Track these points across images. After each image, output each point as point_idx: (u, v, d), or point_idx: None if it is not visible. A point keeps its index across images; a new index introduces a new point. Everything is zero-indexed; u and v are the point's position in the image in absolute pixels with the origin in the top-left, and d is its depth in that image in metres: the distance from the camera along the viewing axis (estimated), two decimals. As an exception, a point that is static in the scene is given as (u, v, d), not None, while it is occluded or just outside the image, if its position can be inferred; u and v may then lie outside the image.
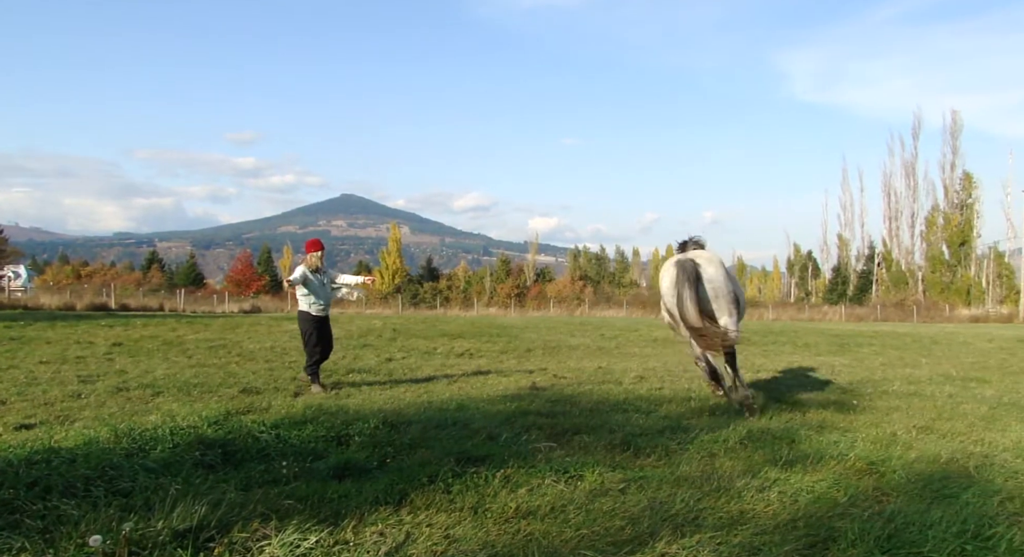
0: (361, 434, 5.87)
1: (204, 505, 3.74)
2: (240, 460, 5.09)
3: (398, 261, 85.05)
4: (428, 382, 10.42)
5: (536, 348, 17.97)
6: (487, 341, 19.56)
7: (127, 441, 5.33)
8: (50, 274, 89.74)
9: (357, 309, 50.75)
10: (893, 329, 34.42)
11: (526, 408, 7.55)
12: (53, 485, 4.14)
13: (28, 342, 15.15)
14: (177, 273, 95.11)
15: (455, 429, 6.27)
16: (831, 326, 39.00)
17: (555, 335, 23.48)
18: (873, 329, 34.28)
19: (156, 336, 17.34)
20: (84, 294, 38.25)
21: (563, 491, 4.42)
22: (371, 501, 4.15)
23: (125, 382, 9.51)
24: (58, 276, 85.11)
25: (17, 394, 8.35)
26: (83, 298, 35.75)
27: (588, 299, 68.35)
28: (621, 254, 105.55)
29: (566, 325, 30.57)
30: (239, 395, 8.57)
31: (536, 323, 32.30)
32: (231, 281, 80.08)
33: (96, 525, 3.54)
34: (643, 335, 24.35)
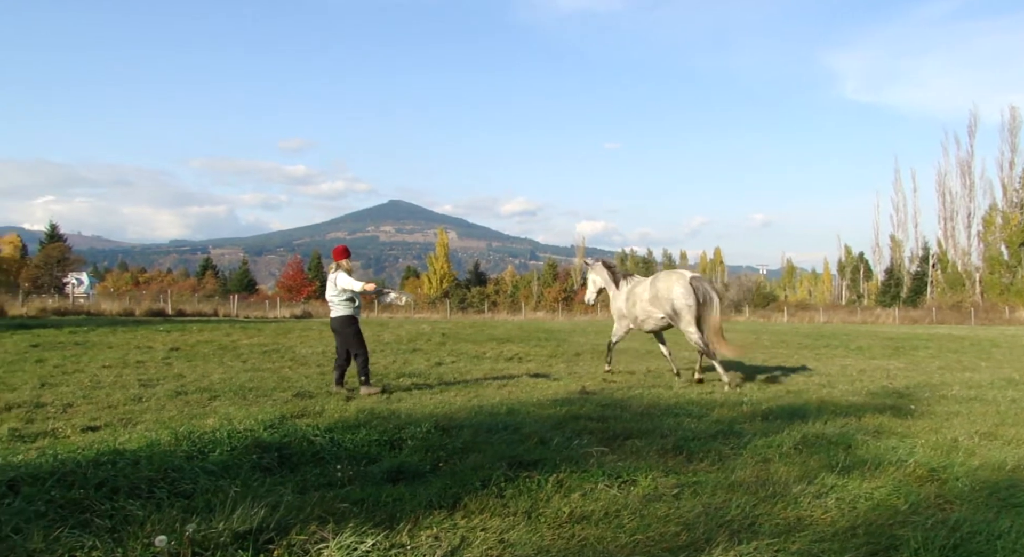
0: (413, 438, 5.91)
1: (263, 507, 3.81)
2: (296, 463, 5.17)
3: (446, 266, 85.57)
4: (478, 386, 10.46)
5: (585, 352, 17.92)
6: (535, 345, 19.55)
7: (187, 444, 5.44)
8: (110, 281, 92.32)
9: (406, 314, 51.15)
10: (950, 332, 33.55)
11: (576, 412, 7.53)
12: (119, 486, 4.25)
13: (91, 347, 15.59)
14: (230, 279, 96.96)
15: (506, 433, 6.28)
16: (884, 329, 38.18)
17: (603, 339, 23.36)
18: (929, 332, 33.45)
19: (211, 341, 17.69)
20: (142, 300, 39.19)
21: (616, 496, 4.40)
22: (425, 505, 4.18)
23: (183, 386, 9.72)
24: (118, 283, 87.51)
25: (83, 397, 8.59)
26: (141, 304, 36.62)
27: (636, 303, 67.89)
28: (668, 257, 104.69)
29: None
30: (293, 399, 8.70)
31: (584, 327, 32.21)
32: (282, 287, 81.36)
33: (160, 526, 3.62)
34: (693, 338, 24.11)
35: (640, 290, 12.20)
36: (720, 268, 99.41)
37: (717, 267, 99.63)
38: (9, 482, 4.25)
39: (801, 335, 27.09)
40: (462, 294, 79.13)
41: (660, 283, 11.72)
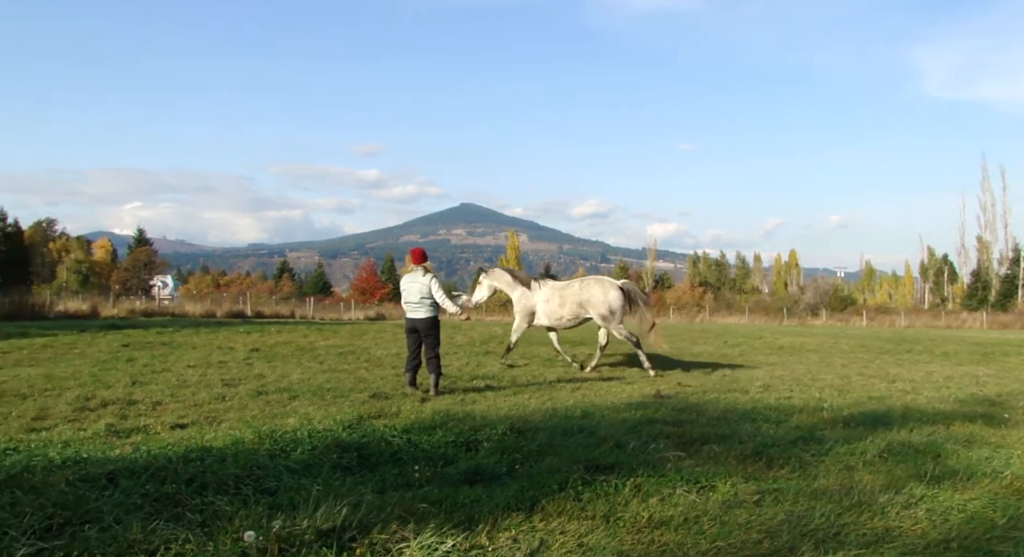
0: (489, 440, 5.95)
1: (345, 506, 3.89)
2: (375, 463, 5.26)
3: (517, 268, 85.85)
4: (551, 389, 10.47)
5: (657, 355, 17.73)
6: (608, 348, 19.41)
7: (270, 443, 5.59)
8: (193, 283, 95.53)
9: (478, 316, 51.48)
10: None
11: (652, 416, 7.48)
12: (208, 482, 4.40)
13: (177, 347, 16.15)
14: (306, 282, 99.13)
15: (582, 436, 6.28)
16: (972, 334, 36.69)
17: (676, 342, 23.08)
18: (1021, 337, 32.02)
19: (289, 342, 18.12)
20: (223, 302, 40.42)
21: (695, 501, 4.35)
22: (503, 507, 4.20)
23: (264, 386, 9.99)
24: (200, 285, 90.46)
25: (170, 396, 8.92)
26: (222, 306, 37.77)
27: (708, 306, 66.91)
28: (742, 260, 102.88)
29: (687, 332, 30.03)
30: (369, 400, 8.85)
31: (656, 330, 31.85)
32: (356, 289, 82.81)
33: (248, 521, 3.74)
34: (768, 342, 23.64)
35: (570, 293, 13.79)
36: (795, 271, 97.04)
37: (792, 270, 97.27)
38: (108, 475, 4.45)
39: (882, 340, 26.26)
40: (533, 297, 79.15)
41: (596, 288, 13.71)
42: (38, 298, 30.52)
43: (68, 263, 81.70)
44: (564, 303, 13.73)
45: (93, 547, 3.40)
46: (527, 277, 14.57)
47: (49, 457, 4.92)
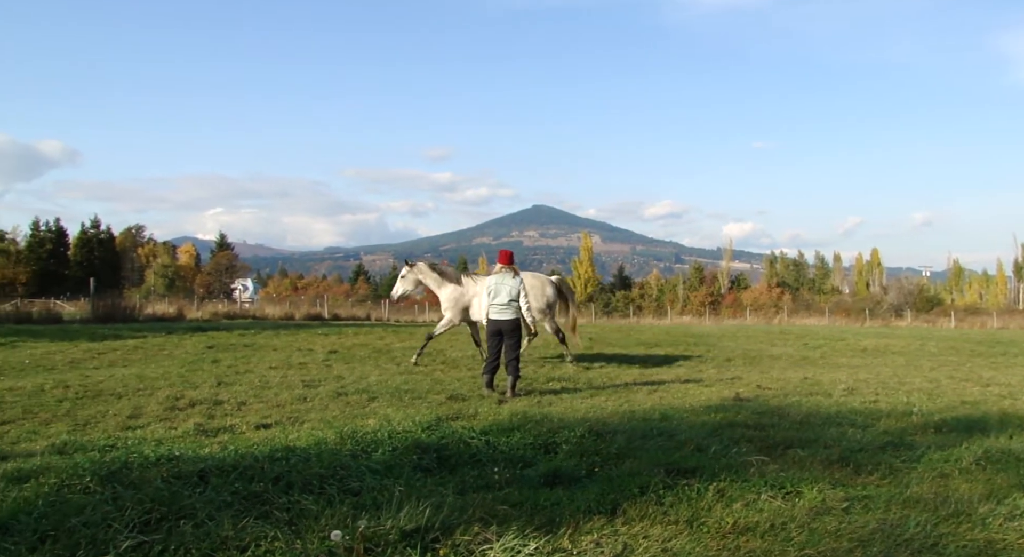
0: (568, 442, 5.93)
1: (428, 507, 3.92)
2: (454, 465, 5.30)
3: (590, 270, 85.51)
4: (628, 391, 10.38)
5: (736, 357, 17.44)
6: (684, 350, 19.21)
7: (351, 443, 5.68)
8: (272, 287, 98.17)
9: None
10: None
11: (732, 419, 7.34)
12: (294, 481, 4.50)
13: (258, 349, 16.61)
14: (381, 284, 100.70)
15: (661, 439, 6.20)
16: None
17: (754, 344, 22.66)
18: (1126, 338, 30.33)
19: (366, 344, 18.44)
20: (301, 305, 41.37)
21: (781, 507, 4.25)
22: (584, 510, 4.18)
23: (343, 387, 10.18)
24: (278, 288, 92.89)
25: (254, 396, 9.17)
26: (300, 308, 38.65)
27: (787, 307, 65.37)
28: (821, 259, 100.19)
29: (765, 334, 29.41)
30: (447, 401, 8.93)
31: (733, 332, 31.32)
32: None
33: (334, 521, 3.81)
34: (850, 344, 22.98)
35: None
36: (878, 270, 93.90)
37: (875, 269, 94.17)
38: (199, 473, 4.59)
39: (973, 342, 25.24)
40: (607, 298, 78.84)
41: (535, 283, 14.13)
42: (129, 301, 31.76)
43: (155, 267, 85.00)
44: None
45: (188, 542, 3.51)
46: (455, 273, 14.71)
47: (144, 454, 5.11)
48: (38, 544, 3.49)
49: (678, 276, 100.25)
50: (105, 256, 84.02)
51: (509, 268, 10.27)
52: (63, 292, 57.85)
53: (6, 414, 7.82)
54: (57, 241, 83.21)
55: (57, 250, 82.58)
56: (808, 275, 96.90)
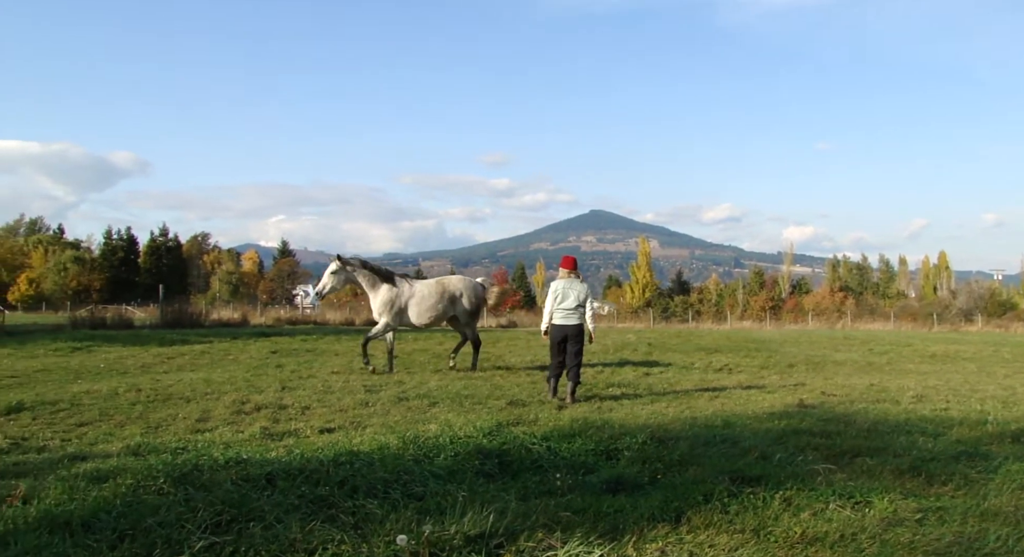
0: (629, 449, 5.89)
1: (491, 513, 3.94)
2: (516, 470, 5.30)
3: (648, 275, 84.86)
4: (689, 397, 10.28)
5: (798, 363, 17.11)
6: (745, 356, 18.91)
7: (414, 448, 5.73)
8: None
9: (608, 323, 51.19)
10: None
11: (796, 426, 7.20)
12: (358, 485, 4.56)
13: (321, 354, 16.90)
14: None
15: (724, 446, 6.12)
16: None
17: (818, 349, 22.20)
18: None
19: (426, 349, 18.60)
20: (361, 310, 41.87)
21: (851, 518, 4.15)
22: (647, 517, 4.14)
23: (404, 392, 10.28)
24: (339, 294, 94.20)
25: (317, 401, 9.33)
26: (360, 314, 39.15)
27: (850, 311, 63.87)
28: (886, 263, 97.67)
29: (828, 339, 28.78)
30: (507, 407, 8.95)
31: (795, 337, 30.73)
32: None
33: (398, 525, 3.84)
34: (917, 350, 22.35)
35: (443, 289, 13.74)
36: (946, 273, 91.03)
37: (942, 272, 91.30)
38: (267, 476, 4.68)
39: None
40: (665, 303, 78.10)
41: (469, 284, 14.11)
42: (195, 307, 32.65)
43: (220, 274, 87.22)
44: (442, 299, 13.69)
45: (258, 544, 3.58)
46: (389, 272, 13.99)
47: (214, 457, 5.24)
48: (118, 542, 3.61)
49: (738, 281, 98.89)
50: (173, 263, 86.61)
51: (574, 273, 10.25)
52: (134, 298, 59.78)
53: (84, 416, 8.11)
54: (128, 249, 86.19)
55: (128, 258, 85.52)
56: (872, 279, 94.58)
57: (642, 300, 79.77)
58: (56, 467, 5.27)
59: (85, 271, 79.29)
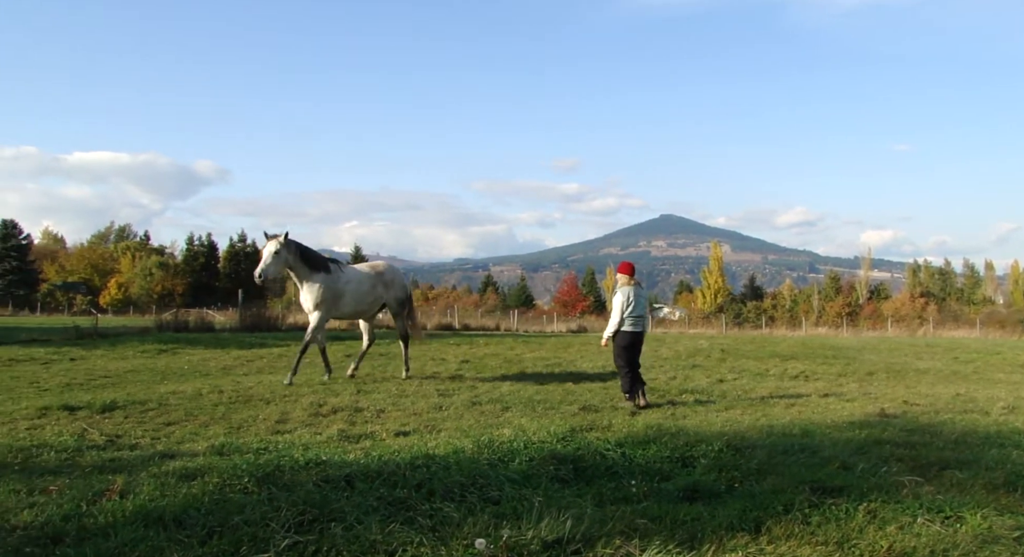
0: (705, 456, 5.82)
1: (568, 518, 3.94)
2: (590, 476, 5.29)
3: (720, 280, 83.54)
4: (764, 405, 10.08)
5: (878, 371, 16.58)
6: (822, 363, 18.43)
7: (488, 452, 5.77)
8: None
9: (680, 328, 50.58)
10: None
11: (878, 436, 6.99)
12: (435, 488, 4.62)
13: (394, 358, 17.10)
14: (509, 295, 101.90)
15: (803, 456, 5.99)
16: None
17: (898, 357, 21.48)
18: None
19: (497, 354, 18.68)
20: (433, 315, 42.40)
21: (940, 533, 4.01)
22: (726, 526, 4.09)
23: (477, 396, 10.35)
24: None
25: (392, 404, 9.46)
26: (432, 319, 39.61)
27: (932, 318, 61.58)
28: (971, 268, 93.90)
29: (910, 346, 27.83)
30: (580, 412, 8.93)
31: (874, 344, 29.80)
32: (558, 302, 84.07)
33: (476, 529, 3.88)
34: (1007, 359, 21.41)
35: (376, 276, 12.72)
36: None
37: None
38: (345, 478, 4.79)
39: None
40: (737, 309, 76.80)
41: (398, 273, 13.44)
42: (272, 311, 33.51)
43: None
44: (375, 286, 12.58)
45: (340, 544, 3.67)
46: (324, 259, 12.28)
47: (294, 458, 5.38)
48: (207, 538, 3.74)
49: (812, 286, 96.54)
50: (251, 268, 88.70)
51: (634, 279, 10.30)
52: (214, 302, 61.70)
53: (171, 416, 8.41)
54: (209, 254, 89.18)
55: (209, 263, 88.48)
56: (956, 284, 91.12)
57: (714, 305, 78.60)
58: (147, 464, 5.50)
59: (169, 276, 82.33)
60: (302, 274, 11.71)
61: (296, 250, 11.56)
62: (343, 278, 12.09)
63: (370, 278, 12.54)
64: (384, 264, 13.46)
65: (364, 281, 12.41)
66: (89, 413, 8.37)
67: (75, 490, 4.54)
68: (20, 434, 6.99)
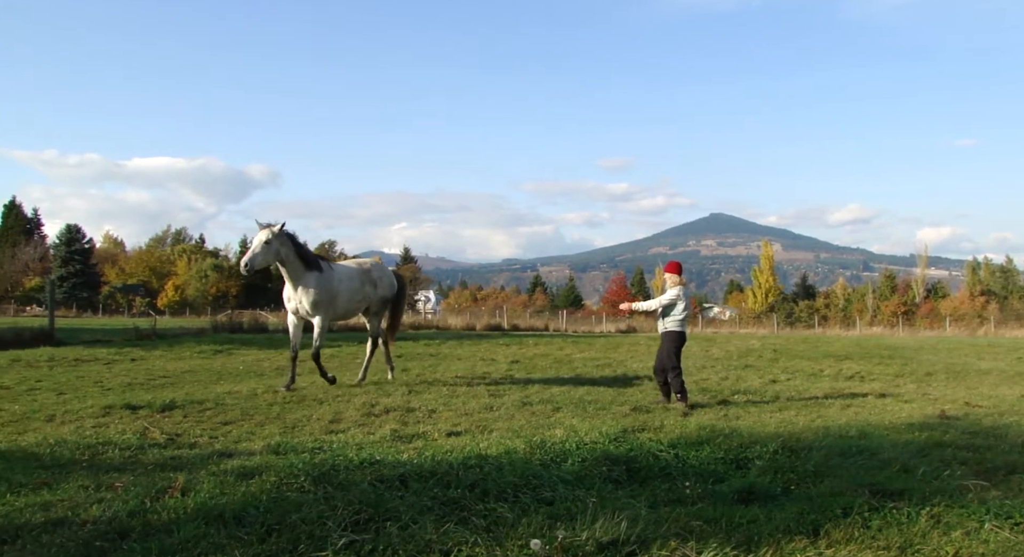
0: (760, 458, 5.74)
1: (623, 520, 3.92)
2: (644, 478, 5.26)
3: (771, 279, 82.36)
4: (819, 406, 9.91)
5: (937, 372, 16.18)
6: (878, 363, 18.05)
7: (540, 453, 5.76)
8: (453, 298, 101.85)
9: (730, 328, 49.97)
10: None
11: (939, 439, 6.81)
12: (488, 489, 4.63)
13: (444, 359, 17.25)
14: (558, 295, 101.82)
15: (861, 458, 5.87)
16: None
17: (958, 357, 20.93)
18: None
19: (547, 355, 18.68)
20: (481, 316, 42.60)
21: (1011, 540, 3.89)
22: (783, 530, 4.03)
23: (527, 397, 10.35)
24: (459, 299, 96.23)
25: (443, 405, 9.52)
26: (481, 319, 39.80)
27: (993, 317, 59.79)
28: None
29: (970, 346, 27.08)
30: (631, 413, 8.88)
31: (932, 344, 29.07)
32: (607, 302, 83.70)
33: (530, 529, 3.88)
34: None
35: (368, 276, 11.87)
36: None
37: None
38: (399, 477, 4.83)
39: None
40: (789, 308, 75.61)
41: (385, 269, 12.47)
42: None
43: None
44: (363, 285, 11.70)
45: (395, 543, 3.70)
46: (316, 257, 11.24)
47: (349, 457, 5.45)
48: (266, 536, 3.81)
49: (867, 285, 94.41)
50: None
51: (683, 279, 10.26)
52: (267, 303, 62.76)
53: (227, 415, 8.58)
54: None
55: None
56: (1018, 282, 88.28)
57: (765, 305, 77.49)
58: (206, 462, 5.62)
59: (223, 278, 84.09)
60: (295, 271, 10.77)
61: (291, 244, 10.67)
62: (336, 277, 11.24)
63: (359, 276, 11.77)
64: (371, 261, 12.75)
65: (355, 279, 11.63)
66: (150, 412, 8.60)
67: (139, 487, 4.67)
68: (87, 432, 7.21)
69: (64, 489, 4.81)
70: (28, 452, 6.05)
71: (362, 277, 11.72)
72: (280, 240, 10.47)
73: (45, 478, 5.10)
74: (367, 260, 12.81)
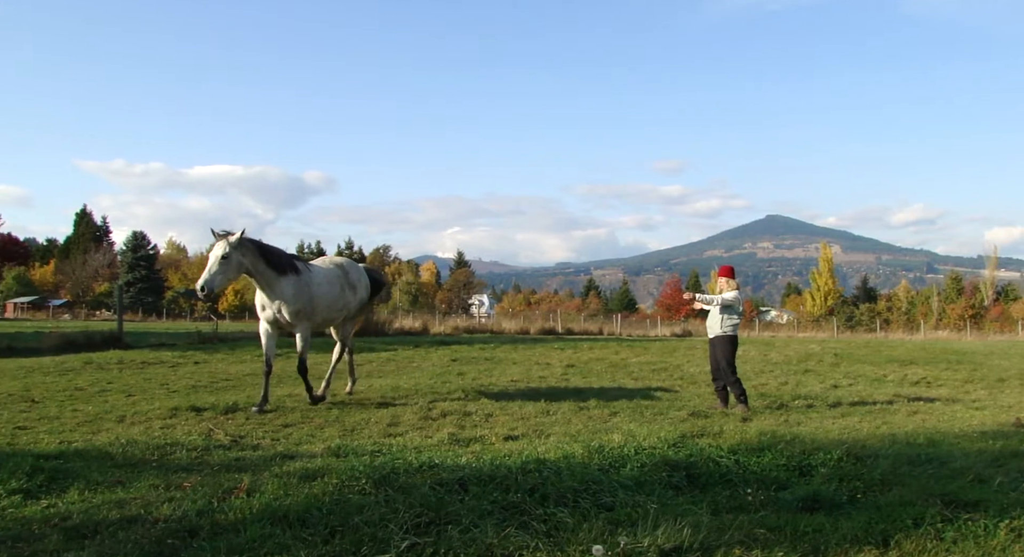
0: (824, 465, 5.60)
1: (685, 526, 3.87)
2: (704, 484, 5.18)
3: (830, 282, 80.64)
4: (884, 412, 9.67)
5: (1010, 378, 15.63)
6: (945, 369, 17.53)
7: (599, 458, 5.72)
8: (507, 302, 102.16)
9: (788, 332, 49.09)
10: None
11: (1016, 448, 6.57)
12: (548, 493, 4.61)
13: (499, 362, 17.29)
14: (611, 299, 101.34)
15: (930, 467, 5.69)
16: None
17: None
18: None
19: (602, 359, 18.59)
20: (535, 320, 42.60)
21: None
22: (850, 539, 3.93)
23: (583, 401, 10.29)
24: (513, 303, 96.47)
25: (500, 409, 9.53)
26: (534, 323, 39.79)
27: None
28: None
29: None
30: (689, 418, 8.78)
31: (1004, 349, 28.11)
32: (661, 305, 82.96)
33: (591, 535, 3.86)
34: None
35: (346, 278, 10.58)
36: None
37: None
38: (459, 481, 4.84)
39: None
40: (849, 311, 73.95)
41: (362, 270, 11.22)
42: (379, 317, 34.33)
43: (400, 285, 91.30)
44: (343, 289, 10.45)
45: (456, 547, 3.71)
46: (289, 258, 9.85)
47: (408, 461, 5.47)
48: (329, 537, 3.86)
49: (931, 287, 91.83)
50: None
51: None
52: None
53: (288, 418, 8.73)
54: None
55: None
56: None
57: (824, 308, 75.92)
58: (270, 464, 5.72)
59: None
60: (267, 279, 9.37)
61: (256, 251, 9.26)
62: (315, 280, 9.94)
63: (339, 278, 10.48)
64: (346, 259, 11.38)
65: (334, 282, 10.33)
66: (214, 414, 8.79)
67: (206, 487, 4.77)
68: (155, 433, 7.41)
69: (136, 488, 4.95)
70: (102, 451, 6.23)
71: (341, 281, 10.47)
72: (241, 251, 9.01)
73: (119, 477, 5.26)
74: (341, 259, 11.39)
